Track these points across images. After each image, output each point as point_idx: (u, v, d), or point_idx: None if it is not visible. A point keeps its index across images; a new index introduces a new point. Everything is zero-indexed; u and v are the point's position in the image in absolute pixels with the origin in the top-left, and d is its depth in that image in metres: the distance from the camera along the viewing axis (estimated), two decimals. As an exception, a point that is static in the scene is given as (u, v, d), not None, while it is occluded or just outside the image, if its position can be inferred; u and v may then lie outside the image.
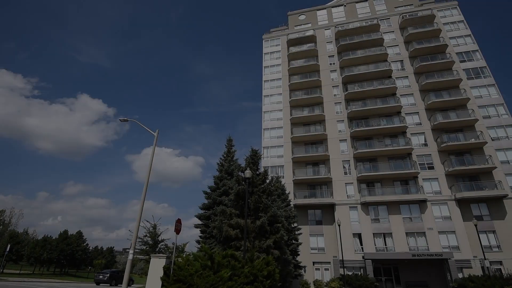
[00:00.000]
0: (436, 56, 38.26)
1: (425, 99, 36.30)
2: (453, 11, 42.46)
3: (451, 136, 33.06)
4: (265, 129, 40.60)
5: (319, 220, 33.61)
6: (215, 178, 22.97)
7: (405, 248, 29.38)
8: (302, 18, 49.98)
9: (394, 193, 32.16)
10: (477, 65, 37.19)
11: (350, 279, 26.18)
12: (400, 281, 28.77)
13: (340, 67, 41.72)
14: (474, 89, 35.71)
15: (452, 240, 29.03)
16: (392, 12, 45.14)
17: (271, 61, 46.40)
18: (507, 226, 28.60)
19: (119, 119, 17.57)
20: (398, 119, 35.65)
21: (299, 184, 35.46)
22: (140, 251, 36.04)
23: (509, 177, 30.47)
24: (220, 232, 16.13)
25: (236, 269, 10.02)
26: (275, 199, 19.88)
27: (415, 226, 30.27)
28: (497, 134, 32.90)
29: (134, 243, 14.07)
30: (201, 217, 21.82)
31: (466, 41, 39.38)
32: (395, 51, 41.17)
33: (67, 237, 47.59)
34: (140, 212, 14.41)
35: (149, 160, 16.02)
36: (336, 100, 39.71)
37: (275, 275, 11.08)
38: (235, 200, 17.00)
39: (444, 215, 30.18)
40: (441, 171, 32.26)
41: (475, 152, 32.17)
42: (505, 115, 33.68)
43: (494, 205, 29.73)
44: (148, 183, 15.38)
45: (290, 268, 19.20)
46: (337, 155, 35.92)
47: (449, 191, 31.06)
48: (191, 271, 9.49)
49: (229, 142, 25.40)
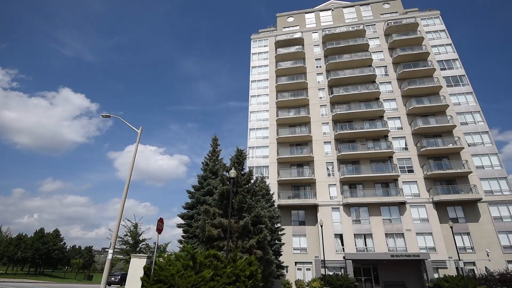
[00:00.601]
0: (418, 63, 39.55)
1: (406, 104, 37.44)
2: (435, 20, 44.00)
3: (430, 141, 34.24)
4: (251, 129, 40.63)
5: (302, 221, 33.97)
6: (199, 177, 22.80)
7: (385, 248, 30.16)
8: (290, 20, 50.38)
9: (375, 195, 32.96)
10: (457, 73, 38.72)
11: (331, 279, 26.60)
12: (379, 281, 29.51)
13: (326, 70, 42.35)
14: (453, 96, 37.14)
15: (429, 241, 30.05)
16: (377, 18, 46.27)
17: (259, 62, 46.49)
18: (481, 229, 29.92)
19: (101, 114, 17.11)
20: (381, 123, 36.57)
21: (284, 185, 35.71)
22: (120, 250, 35.17)
23: (483, 182, 31.90)
24: (203, 232, 16.01)
25: (218, 269, 9.97)
26: (259, 199, 19.92)
27: (394, 228, 31.14)
28: (473, 140, 34.36)
29: (114, 243, 13.74)
30: (184, 216, 21.60)
31: (447, 50, 40.91)
32: (379, 57, 42.22)
33: (43, 235, 45.90)
34: (121, 211, 14.08)
35: (131, 157, 15.69)
36: (322, 102, 40.29)
37: (258, 275, 11.12)
38: (219, 200, 16.92)
39: (422, 217, 31.22)
40: (420, 174, 33.36)
41: (452, 157, 33.47)
42: (481, 122, 35.21)
43: (469, 208, 31.03)
44: (130, 181, 15.06)
45: (272, 268, 19.30)
46: (321, 157, 36.43)
47: (427, 194, 32.16)
48: (172, 271, 9.37)
49: (215, 141, 25.28)
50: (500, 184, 31.66)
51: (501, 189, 31.40)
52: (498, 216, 30.27)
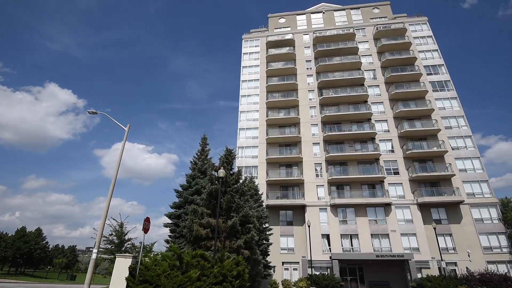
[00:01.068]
0: (406, 67, 40.42)
1: (393, 107, 38.19)
2: (423, 26, 45.06)
3: (415, 144, 35.06)
4: (241, 129, 40.59)
5: (290, 221, 34.17)
6: (187, 176, 22.62)
7: (370, 249, 30.67)
8: (282, 21, 50.60)
9: (362, 196, 33.48)
10: (442, 79, 39.78)
11: (317, 279, 26.85)
12: (364, 281, 30.00)
13: (317, 72, 42.74)
14: (438, 101, 38.13)
15: (413, 242, 30.75)
16: (367, 22, 47.03)
17: (250, 62, 46.49)
18: (462, 230, 30.84)
19: (88, 111, 16.78)
20: (368, 125, 37.18)
21: (272, 185, 35.83)
22: (105, 250, 34.53)
23: (466, 184, 32.89)
24: (190, 231, 15.89)
25: (205, 269, 9.93)
26: (247, 199, 19.92)
27: (380, 228, 31.71)
28: (457, 144, 35.38)
29: (98, 242, 13.48)
30: (171, 216, 21.38)
31: (433, 55, 41.97)
32: (368, 61, 42.91)
33: (25, 234, 44.60)
34: (106, 210, 13.83)
35: (118, 155, 15.43)
36: (311, 104, 40.63)
37: (245, 275, 11.12)
38: (207, 200, 16.83)
39: (407, 218, 31.92)
40: (405, 176, 34.09)
41: (436, 160, 34.36)
42: (464, 127, 36.28)
43: (451, 210, 31.94)
44: (116, 179, 14.81)
45: (259, 268, 19.33)
46: (310, 158, 36.75)
47: (412, 196, 32.90)
48: (158, 271, 9.27)
49: (204, 140, 25.13)
50: (481, 187, 32.72)
51: (482, 192, 32.45)
52: (479, 218, 31.28)
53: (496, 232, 30.46)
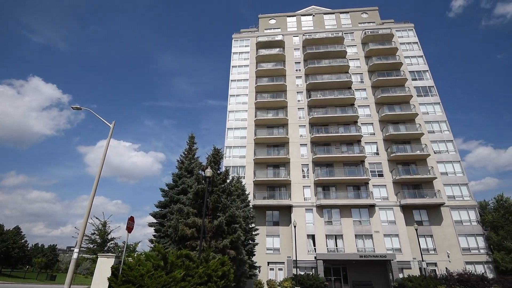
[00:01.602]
0: (392, 72, 41.34)
1: (379, 111, 39.00)
2: (409, 33, 46.21)
3: (399, 147, 35.92)
4: (229, 129, 40.47)
5: (276, 221, 34.31)
6: (173, 175, 22.37)
7: (354, 249, 31.19)
8: (272, 23, 50.78)
9: (347, 197, 34.00)
10: (426, 84, 40.92)
11: (302, 279, 27.08)
12: (348, 281, 30.48)
13: (305, 74, 43.12)
14: (422, 106, 39.20)
15: (395, 242, 31.47)
16: (356, 27, 47.83)
17: (240, 61, 46.42)
18: (443, 232, 31.82)
19: (72, 106, 16.31)
20: (355, 128, 37.80)
21: (259, 185, 35.89)
22: (86, 249, 33.72)
23: (446, 187, 33.95)
24: (175, 231, 15.72)
25: (190, 269, 9.85)
26: (234, 199, 19.88)
27: (364, 229, 32.29)
28: (439, 148, 36.47)
29: (80, 241, 13.15)
30: (156, 215, 21.09)
31: (418, 61, 43.12)
32: (356, 64, 43.65)
33: (3, 232, 42.97)
34: (88, 208, 13.51)
35: (102, 153, 15.10)
36: (300, 105, 40.96)
37: (230, 275, 11.10)
38: (194, 199, 16.70)
39: (390, 220, 32.64)
40: (389, 178, 34.87)
41: (419, 163, 35.30)
42: (446, 131, 37.44)
43: (432, 212, 32.89)
44: (99, 177, 14.49)
45: (245, 268, 19.32)
46: (297, 159, 37.03)
47: (395, 198, 33.67)
48: (142, 271, 9.13)
49: (191, 139, 24.92)
50: (461, 190, 33.86)
51: (462, 195, 33.58)
52: (458, 220, 32.35)
53: (474, 234, 31.58)
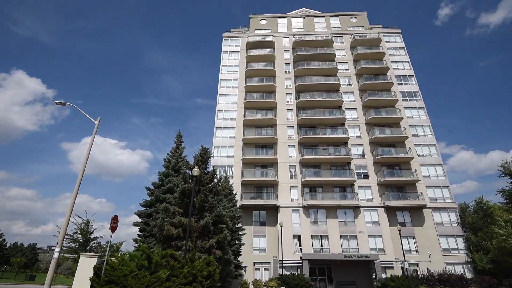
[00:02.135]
0: (379, 76, 42.19)
1: (366, 114, 39.71)
2: (396, 38, 47.28)
3: (385, 149, 36.71)
4: (218, 128, 40.27)
5: (263, 221, 34.39)
6: (160, 174, 22.10)
7: (339, 249, 31.63)
8: (263, 23, 50.88)
9: (333, 198, 34.45)
10: (412, 89, 41.97)
11: (288, 279, 27.25)
12: (332, 281, 30.89)
13: (295, 75, 43.43)
14: (407, 110, 40.18)
15: (379, 243, 32.11)
16: (345, 30, 48.56)
17: (229, 61, 46.28)
18: (424, 233, 32.70)
19: (56, 101, 15.85)
20: (342, 130, 38.36)
21: (247, 185, 35.87)
22: (68, 249, 32.80)
23: (429, 190, 34.91)
24: (161, 231, 15.52)
25: (175, 269, 9.74)
26: (221, 199, 19.81)
27: (348, 230, 32.80)
28: (422, 151, 37.47)
29: (61, 240, 12.79)
30: (141, 214, 20.77)
31: (404, 66, 44.18)
32: (344, 67, 44.29)
33: (-23, 231, 41.21)
34: (71, 206, 13.16)
35: (87, 150, 14.74)
36: (288, 106, 41.21)
37: (215, 275, 11.05)
38: (180, 198, 16.54)
39: (374, 221, 33.28)
40: (374, 180, 35.55)
41: (403, 165, 36.17)
42: (430, 135, 38.51)
43: (415, 214, 33.75)
44: (83, 175, 14.13)
45: (231, 268, 19.28)
46: (285, 159, 37.24)
47: (379, 199, 34.36)
48: (125, 271, 8.95)
49: (179, 138, 24.69)
50: (443, 193, 34.91)
51: (443, 197, 34.63)
52: (440, 221, 33.32)
53: (454, 235, 32.60)
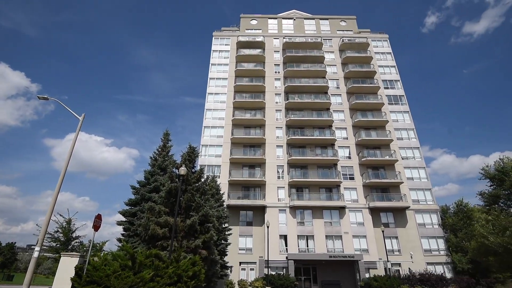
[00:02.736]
0: (366, 80, 42.99)
1: (353, 117, 40.39)
2: (384, 43, 48.30)
3: (370, 152, 37.46)
4: (206, 127, 40.01)
5: (250, 221, 34.40)
6: (146, 172, 21.76)
7: (324, 249, 32.02)
8: (254, 23, 50.91)
9: (320, 199, 34.86)
10: (397, 93, 42.98)
11: (273, 279, 27.36)
12: (317, 281, 31.24)
13: (284, 76, 43.67)
14: (392, 114, 41.12)
15: (363, 243, 32.71)
16: (334, 34, 49.21)
17: (219, 60, 46.07)
18: (407, 234, 33.54)
19: (38, 96, 15.37)
20: (329, 132, 38.87)
21: (234, 185, 35.81)
22: (48, 248, 31.82)
23: (412, 192, 35.84)
24: (146, 230, 15.30)
25: (159, 269, 9.64)
26: (208, 199, 19.70)
27: (334, 230, 33.26)
28: (406, 154, 38.43)
29: (42, 239, 12.42)
30: (126, 213, 20.41)
31: (391, 71, 45.19)
32: (332, 70, 44.90)
33: (-49, 229, 39.49)
34: (52, 204, 12.79)
35: (70, 146, 14.37)
36: (277, 107, 41.40)
37: (201, 275, 10.99)
38: (166, 198, 16.36)
39: (359, 221, 33.89)
40: (359, 182, 36.20)
41: (388, 168, 36.99)
42: (414, 139, 39.55)
43: (398, 215, 34.57)
44: (65, 172, 13.77)
45: (216, 268, 19.22)
46: (273, 160, 37.39)
47: (364, 200, 35.01)
48: (108, 271, 8.79)
49: (166, 136, 24.39)
50: (425, 195, 35.92)
51: (426, 199, 35.62)
52: (422, 223, 34.26)
53: (435, 236, 33.59)
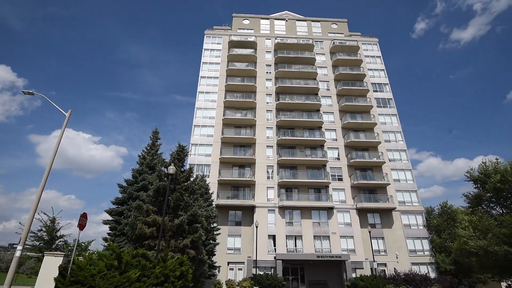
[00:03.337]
0: (356, 83, 43.58)
1: (342, 118, 40.91)
2: (373, 47, 49.08)
3: (358, 153, 37.99)
4: (196, 126, 39.75)
5: (238, 221, 34.38)
6: (133, 171, 21.47)
7: (312, 250, 32.30)
8: (246, 23, 50.87)
9: (308, 199, 35.15)
10: (386, 96, 43.76)
11: (261, 279, 27.43)
12: (305, 280, 31.49)
13: (275, 77, 43.83)
14: (381, 116, 41.84)
15: (350, 244, 33.16)
16: (325, 36, 49.70)
17: (211, 58, 45.84)
18: (393, 234, 34.20)
19: (23, 91, 14.97)
20: (319, 133, 39.23)
21: (224, 185, 35.71)
22: (31, 247, 30.98)
23: (398, 193, 36.56)
24: (133, 229, 15.11)
25: (146, 269, 9.53)
26: (197, 198, 19.59)
27: (322, 230, 33.59)
28: (393, 156, 39.18)
29: (24, 238, 12.10)
30: (113, 212, 20.08)
31: (380, 74, 45.97)
32: (323, 72, 45.34)
33: None
34: (36, 202, 12.48)
35: (55, 143, 14.04)
36: (268, 107, 41.51)
37: (188, 275, 10.92)
38: (154, 196, 16.19)
39: (346, 222, 34.34)
40: (348, 183, 36.69)
41: (375, 169, 37.62)
42: (401, 141, 40.36)
43: (385, 216, 35.21)
44: (50, 169, 13.45)
45: (204, 268, 19.13)
46: (263, 160, 37.47)
47: (352, 201, 35.51)
48: (93, 271, 8.63)
49: (155, 134, 24.14)
50: (411, 196, 36.70)
51: (411, 201, 36.41)
52: (407, 224, 35.00)
53: (420, 237, 34.36)
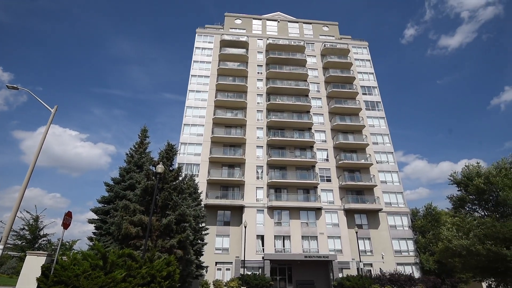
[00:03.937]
0: (345, 85, 44.15)
1: (332, 120, 41.37)
2: (363, 50, 49.82)
3: (347, 155, 38.51)
4: (186, 125, 39.44)
5: (227, 221, 34.30)
6: (121, 169, 21.11)
7: (300, 250, 32.54)
8: (238, 22, 50.80)
9: (297, 200, 35.39)
10: (374, 99, 44.49)
11: (249, 279, 27.45)
12: (292, 280, 31.68)
13: (267, 77, 43.94)
14: (369, 119, 42.53)
15: (337, 244, 33.57)
16: (317, 38, 50.15)
17: (202, 57, 45.57)
18: (379, 235, 34.81)
19: (7, 85, 14.52)
20: (309, 134, 39.56)
21: (213, 185, 35.57)
22: (13, 246, 30.13)
23: (385, 194, 37.25)
24: (119, 229, 14.88)
25: (132, 269, 9.41)
26: (186, 198, 19.44)
27: (310, 231, 33.89)
28: (381, 159, 39.89)
29: (6, 237, 11.75)
30: (98, 211, 19.71)
31: (369, 78, 46.70)
32: (314, 74, 45.73)
33: None
34: (19, 200, 12.14)
35: (40, 140, 13.70)
36: (259, 108, 41.57)
37: (175, 275, 10.84)
38: (142, 196, 15.99)
39: (334, 222, 34.75)
40: (336, 184, 37.13)
41: (363, 171, 38.21)
42: (388, 144, 41.12)
43: (371, 217, 35.80)
44: (34, 166, 13.11)
45: (192, 268, 19.00)
46: (253, 160, 37.50)
47: (340, 202, 35.96)
48: (77, 271, 8.47)
49: (144, 132, 23.80)
50: (397, 198, 37.45)
51: (397, 202, 37.16)
52: (393, 224, 35.69)
53: (405, 238, 35.09)
